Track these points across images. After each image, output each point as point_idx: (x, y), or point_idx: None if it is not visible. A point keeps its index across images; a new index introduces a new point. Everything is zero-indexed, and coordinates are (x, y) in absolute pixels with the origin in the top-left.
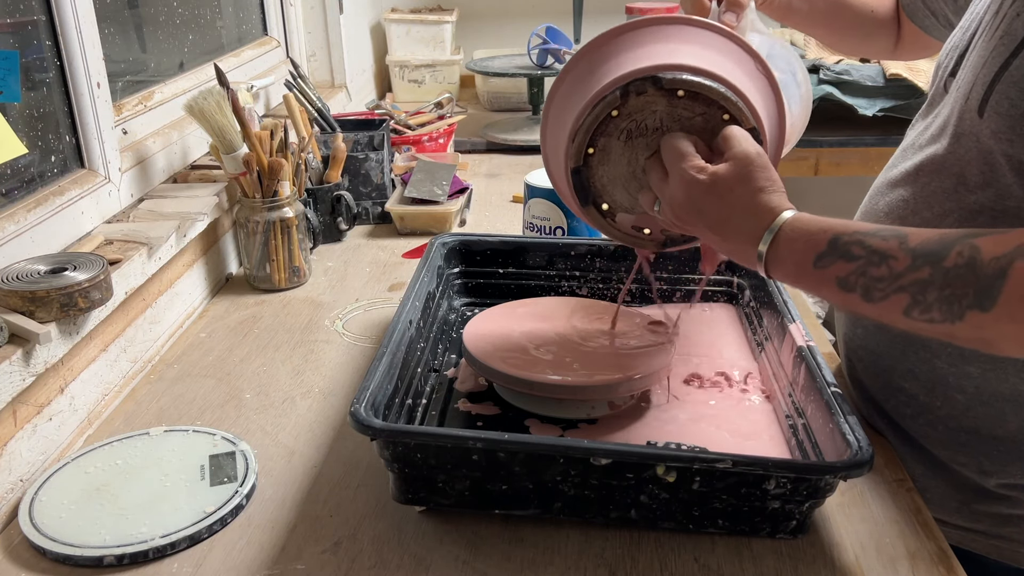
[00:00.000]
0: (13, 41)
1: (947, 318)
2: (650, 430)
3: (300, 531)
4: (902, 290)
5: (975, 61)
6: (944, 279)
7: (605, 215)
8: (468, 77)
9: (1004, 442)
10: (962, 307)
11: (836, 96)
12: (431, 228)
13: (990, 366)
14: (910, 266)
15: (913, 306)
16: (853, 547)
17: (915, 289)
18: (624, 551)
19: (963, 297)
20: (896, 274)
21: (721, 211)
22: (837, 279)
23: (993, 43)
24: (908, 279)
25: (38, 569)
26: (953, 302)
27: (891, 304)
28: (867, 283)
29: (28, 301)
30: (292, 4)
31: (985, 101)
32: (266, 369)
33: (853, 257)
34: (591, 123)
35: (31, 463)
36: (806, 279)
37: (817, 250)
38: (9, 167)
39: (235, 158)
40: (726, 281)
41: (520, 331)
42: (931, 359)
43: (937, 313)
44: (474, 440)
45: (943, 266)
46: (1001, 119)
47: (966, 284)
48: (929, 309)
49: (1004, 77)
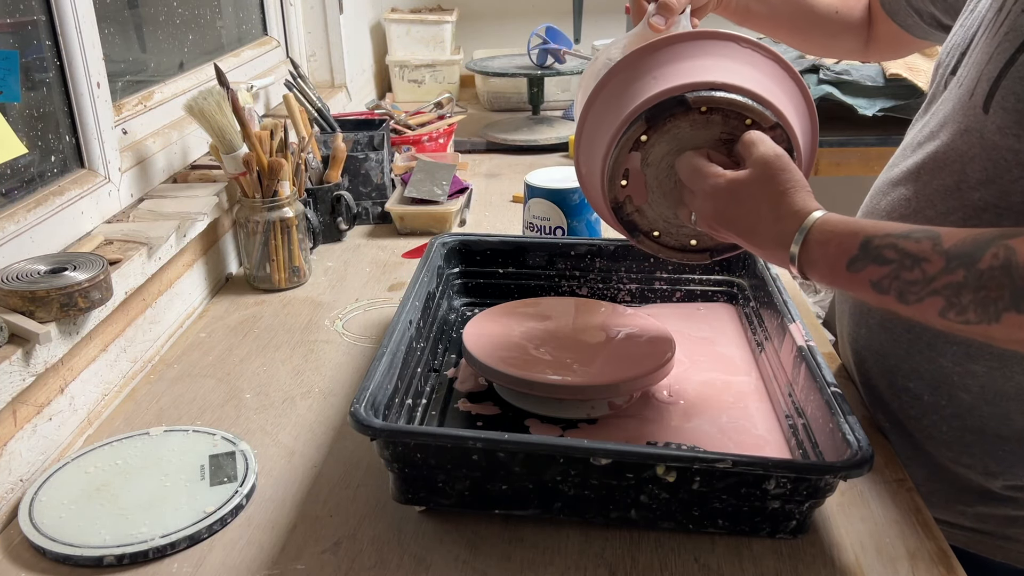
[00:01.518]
0: (13, 41)
1: (983, 319)
2: (650, 430)
3: (300, 531)
4: (936, 293)
5: (979, 58)
6: (979, 282)
7: (654, 239)
8: (468, 77)
9: (1010, 442)
10: (998, 309)
11: (836, 96)
12: (431, 228)
13: (996, 364)
14: (944, 269)
15: (948, 308)
16: (853, 547)
17: (949, 292)
18: (624, 551)
19: (999, 300)
20: (930, 277)
21: (748, 218)
22: (871, 282)
23: (997, 39)
24: (942, 282)
25: (38, 569)
26: (989, 304)
27: (927, 306)
28: (901, 286)
29: (28, 301)
30: (292, 4)
31: (991, 97)
32: (266, 369)
33: (886, 261)
34: (619, 155)
35: (31, 463)
36: (840, 282)
37: (849, 254)
38: (9, 167)
39: (235, 158)
40: (726, 281)
41: (520, 331)
42: (936, 358)
43: (973, 315)
44: (474, 440)
45: (977, 268)
46: (1007, 114)
47: (1001, 287)
48: (965, 311)
49: (1010, 73)
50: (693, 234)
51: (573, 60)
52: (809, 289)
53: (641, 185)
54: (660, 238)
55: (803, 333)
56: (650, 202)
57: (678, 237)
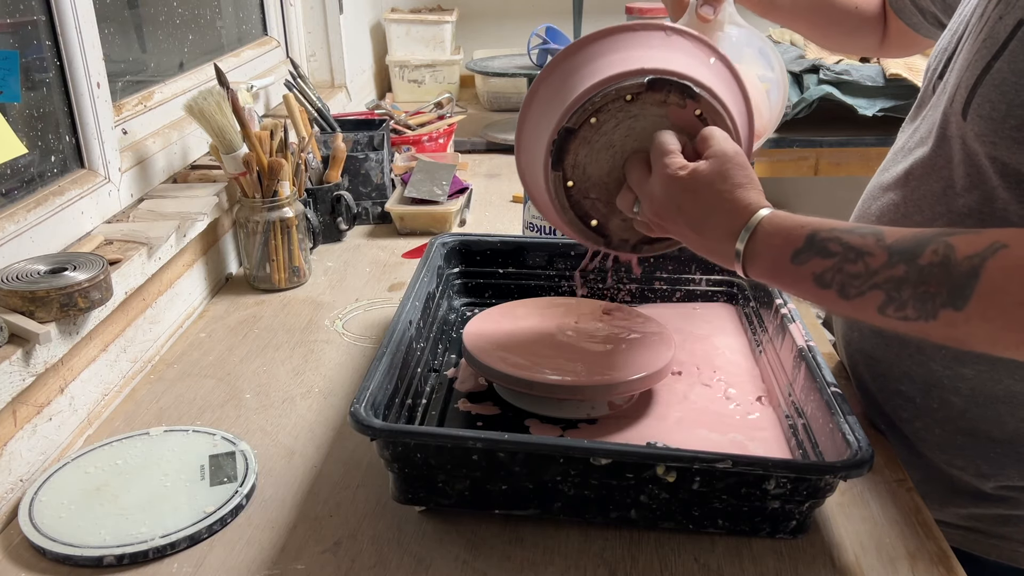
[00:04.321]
0: (13, 41)
1: (921, 316)
2: (650, 430)
3: (300, 531)
4: (877, 287)
5: (960, 64)
6: (919, 277)
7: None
8: (468, 77)
9: (1001, 444)
10: (935, 305)
11: (836, 96)
12: (431, 228)
13: (985, 367)
14: (886, 263)
15: (888, 303)
16: (853, 547)
17: (890, 286)
18: (624, 551)
19: (937, 296)
20: (872, 271)
21: (699, 208)
22: (814, 275)
23: (977, 46)
24: (883, 276)
25: (38, 569)
26: (927, 300)
27: (866, 301)
28: (843, 280)
29: (28, 301)
30: (292, 4)
31: (968, 104)
32: (266, 369)
33: (830, 254)
34: (567, 130)
35: (31, 463)
36: (783, 276)
37: (795, 246)
38: (9, 167)
39: (235, 158)
40: (726, 281)
41: (520, 331)
42: (926, 362)
43: (911, 311)
44: (474, 440)
45: (918, 264)
46: (983, 122)
47: (940, 283)
48: (904, 307)
49: (986, 80)
50: (625, 229)
51: None
52: None
53: (584, 162)
54: (598, 227)
55: (803, 333)
56: (590, 185)
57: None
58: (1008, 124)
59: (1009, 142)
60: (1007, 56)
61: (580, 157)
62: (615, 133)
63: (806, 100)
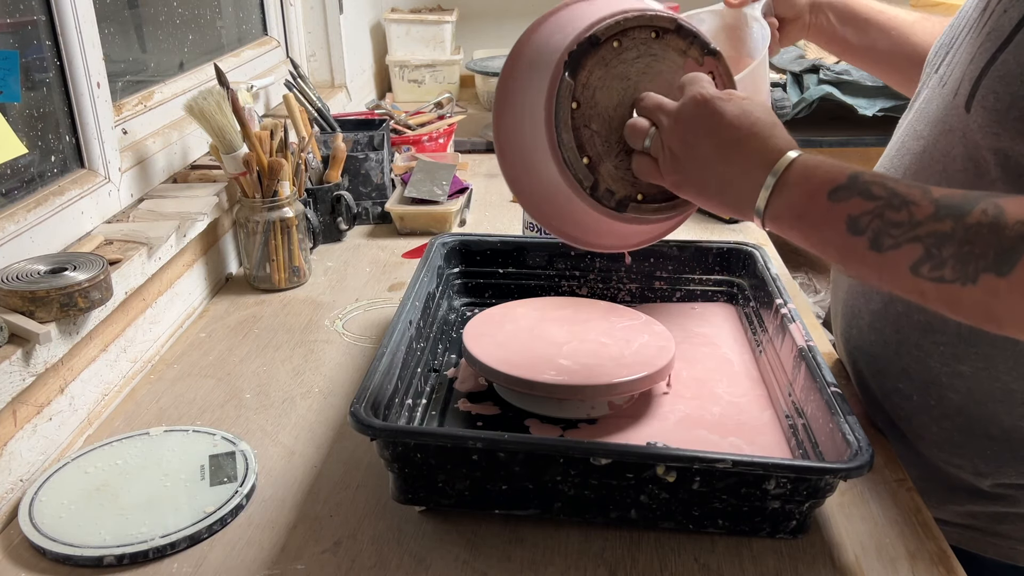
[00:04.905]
0: (13, 41)
1: (958, 278)
2: (650, 430)
3: (300, 531)
4: (917, 240)
5: (962, 58)
6: (965, 235)
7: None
8: (468, 77)
9: (998, 442)
10: (977, 268)
11: (836, 96)
12: (431, 228)
13: (982, 365)
14: (932, 215)
15: (925, 260)
16: (853, 547)
17: (932, 241)
18: (624, 551)
19: (981, 258)
20: (915, 222)
21: (734, 130)
22: (849, 217)
23: (980, 39)
24: (927, 229)
25: (38, 569)
26: (969, 261)
27: (900, 255)
28: (880, 227)
29: (28, 301)
30: (292, 4)
31: (972, 96)
32: (266, 369)
33: (873, 196)
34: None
35: (31, 463)
36: (812, 214)
37: (837, 182)
38: (9, 167)
39: (235, 158)
40: (726, 281)
41: (520, 331)
42: (924, 359)
43: (949, 271)
44: (474, 440)
45: (965, 222)
46: (987, 113)
47: (987, 244)
48: (941, 266)
49: (990, 72)
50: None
51: None
52: (809, 289)
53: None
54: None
55: (803, 333)
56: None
57: (604, 176)
58: (1012, 115)
59: (1013, 133)
60: (1013, 48)
61: (593, 78)
62: (633, 65)
63: (806, 100)
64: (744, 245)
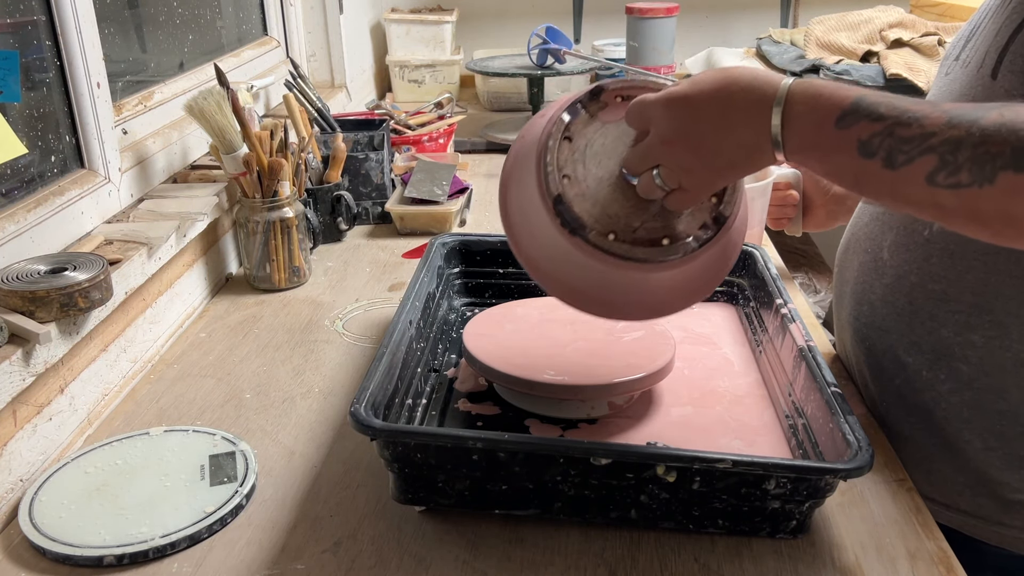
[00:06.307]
0: (13, 41)
1: (975, 180)
2: (650, 430)
3: (300, 531)
4: (931, 151)
5: (986, 36)
6: (981, 136)
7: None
8: (468, 77)
9: (1007, 416)
10: (995, 167)
11: None
12: (431, 228)
13: (994, 334)
14: (946, 124)
15: (940, 169)
16: (853, 547)
17: (945, 149)
18: (624, 551)
19: (999, 156)
20: (928, 133)
21: (715, 96)
22: (859, 142)
23: (1004, 16)
24: (940, 138)
25: (38, 569)
26: (986, 162)
27: (915, 169)
28: (892, 145)
29: (28, 301)
30: (292, 4)
31: (999, 63)
32: (266, 369)
33: (880, 116)
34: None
35: (31, 463)
36: (823, 144)
37: (841, 108)
38: (9, 167)
39: (235, 158)
40: (726, 281)
41: (520, 331)
42: (937, 329)
43: (966, 175)
44: (474, 440)
45: (980, 124)
46: (1015, 76)
47: (1003, 141)
48: (957, 171)
49: (1018, 38)
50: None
51: (573, 60)
52: (809, 289)
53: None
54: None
55: (803, 333)
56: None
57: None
58: None
59: None
60: None
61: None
62: (594, 148)
63: None
64: (744, 245)
